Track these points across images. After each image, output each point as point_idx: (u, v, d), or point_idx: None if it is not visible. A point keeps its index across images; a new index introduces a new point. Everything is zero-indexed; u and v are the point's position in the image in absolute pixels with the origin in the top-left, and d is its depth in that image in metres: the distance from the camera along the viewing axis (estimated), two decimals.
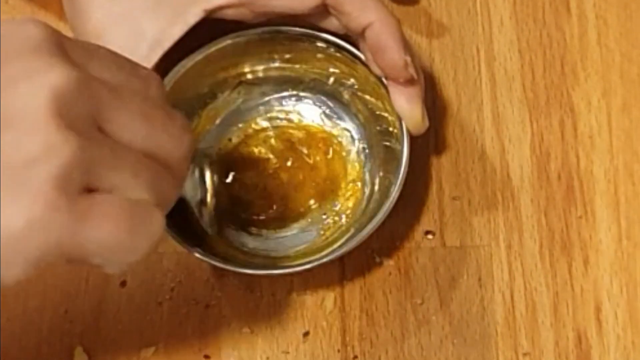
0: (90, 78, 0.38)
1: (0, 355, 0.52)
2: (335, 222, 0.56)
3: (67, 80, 0.36)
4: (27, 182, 0.35)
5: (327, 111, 0.57)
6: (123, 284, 0.55)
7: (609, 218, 0.55)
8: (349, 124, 0.57)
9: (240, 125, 0.57)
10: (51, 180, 0.35)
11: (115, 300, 0.54)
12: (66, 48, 0.38)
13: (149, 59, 0.51)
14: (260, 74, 0.57)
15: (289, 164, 0.57)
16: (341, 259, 0.54)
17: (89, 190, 0.37)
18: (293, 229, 0.56)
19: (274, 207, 0.56)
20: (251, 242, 0.55)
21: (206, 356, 0.53)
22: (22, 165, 0.35)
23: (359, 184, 0.56)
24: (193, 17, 0.51)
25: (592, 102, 0.58)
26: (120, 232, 0.37)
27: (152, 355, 0.53)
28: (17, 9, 0.61)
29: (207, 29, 0.52)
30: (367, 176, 0.56)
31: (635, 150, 0.57)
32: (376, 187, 0.55)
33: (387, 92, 0.52)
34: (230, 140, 0.57)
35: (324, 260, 0.51)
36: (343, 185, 0.56)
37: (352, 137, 0.57)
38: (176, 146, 0.40)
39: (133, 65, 0.41)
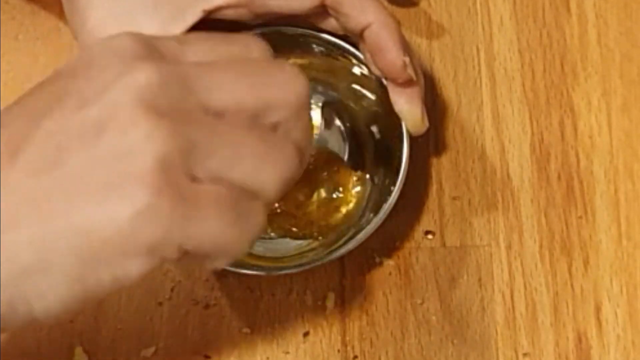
0: (178, 67, 0.38)
1: (0, 356, 0.52)
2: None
3: (150, 76, 0.37)
4: (128, 175, 0.35)
5: (327, 111, 0.57)
6: None
7: (609, 218, 0.55)
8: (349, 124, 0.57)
9: None
10: (151, 166, 0.35)
11: (115, 300, 0.54)
12: (154, 46, 0.39)
13: None
14: None
15: None
16: (341, 259, 0.54)
17: (192, 180, 0.37)
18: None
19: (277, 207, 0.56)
20: None
21: (206, 356, 0.53)
22: (122, 161, 0.36)
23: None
24: (192, 17, 0.51)
25: (592, 102, 0.58)
26: (226, 223, 0.37)
27: (152, 355, 0.53)
28: (17, 9, 0.61)
29: (207, 29, 0.52)
30: (367, 176, 0.56)
31: (635, 150, 0.57)
32: (376, 187, 0.55)
33: (387, 92, 0.52)
34: None
35: (324, 260, 0.51)
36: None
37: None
38: (288, 93, 0.39)
39: (227, 37, 0.41)
